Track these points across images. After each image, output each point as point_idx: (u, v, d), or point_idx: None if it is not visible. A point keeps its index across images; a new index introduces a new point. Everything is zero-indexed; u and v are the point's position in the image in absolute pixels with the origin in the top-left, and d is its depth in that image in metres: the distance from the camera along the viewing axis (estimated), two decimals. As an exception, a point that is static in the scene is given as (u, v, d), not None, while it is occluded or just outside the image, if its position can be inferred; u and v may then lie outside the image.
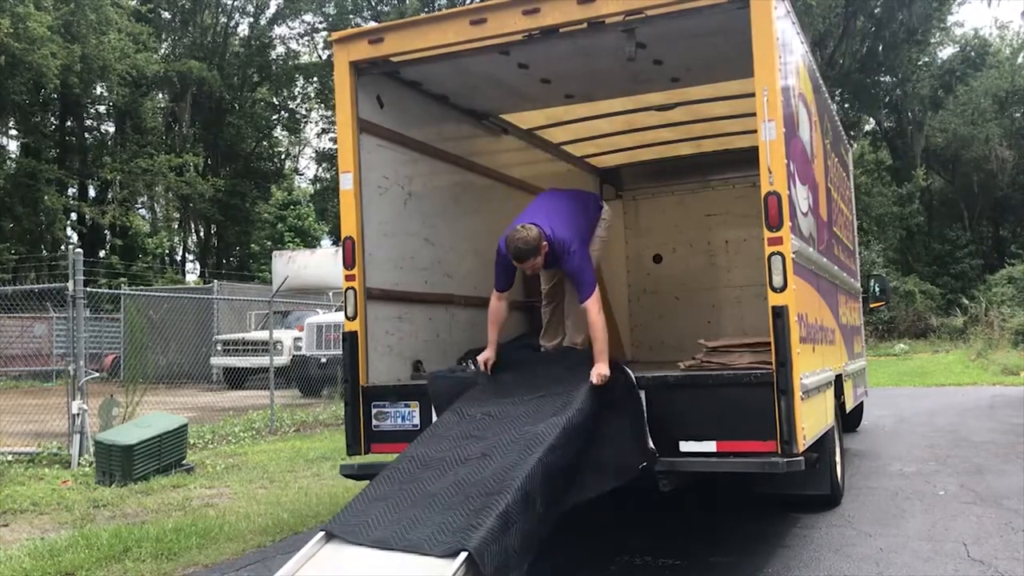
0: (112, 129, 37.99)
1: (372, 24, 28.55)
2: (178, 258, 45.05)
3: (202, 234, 43.54)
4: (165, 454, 8.17)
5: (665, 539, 5.48)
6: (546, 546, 3.91)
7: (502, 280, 5.38)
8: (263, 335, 16.95)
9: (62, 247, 31.45)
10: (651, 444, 4.45)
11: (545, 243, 5.08)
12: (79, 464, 8.67)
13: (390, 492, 3.92)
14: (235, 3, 41.64)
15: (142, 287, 27.06)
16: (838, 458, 6.20)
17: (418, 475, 4.04)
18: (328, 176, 46.19)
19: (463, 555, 3.30)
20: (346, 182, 5.45)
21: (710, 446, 4.59)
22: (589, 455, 4.33)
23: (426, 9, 35.06)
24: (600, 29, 5.12)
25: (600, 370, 4.73)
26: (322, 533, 3.73)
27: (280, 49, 43.88)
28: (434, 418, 5.04)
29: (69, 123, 36.48)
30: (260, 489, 7.61)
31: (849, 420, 8.75)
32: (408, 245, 6.00)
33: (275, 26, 43.19)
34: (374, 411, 5.31)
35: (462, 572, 3.28)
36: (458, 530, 3.44)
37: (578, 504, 4.18)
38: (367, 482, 4.30)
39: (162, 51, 38.99)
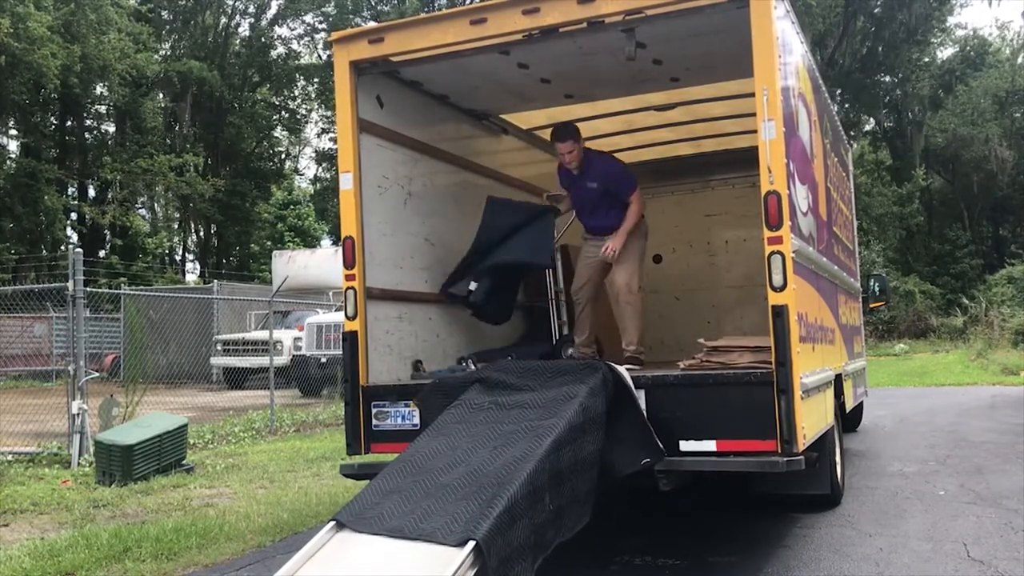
0: (112, 129, 38.01)
1: (372, 24, 28.55)
2: (178, 258, 45.13)
3: (202, 234, 43.55)
4: (165, 454, 8.17)
5: (665, 539, 5.48)
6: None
7: (560, 182, 6.60)
8: (263, 335, 16.95)
9: (62, 247, 31.45)
10: (659, 442, 4.45)
11: (583, 142, 6.27)
12: (79, 464, 8.68)
13: (403, 484, 3.93)
14: (236, 3, 41.68)
15: (142, 287, 27.08)
16: (838, 458, 6.20)
17: (430, 466, 4.05)
18: (328, 176, 46.22)
19: (471, 544, 3.33)
20: (346, 182, 5.45)
21: (710, 445, 4.59)
22: (594, 451, 4.33)
23: (426, 9, 35.07)
24: (600, 29, 5.13)
25: (610, 242, 6.14)
26: (333, 522, 3.75)
27: (280, 49, 43.94)
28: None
29: (69, 123, 36.48)
30: (260, 489, 7.61)
31: (849, 420, 8.75)
32: (408, 245, 6.00)
33: (276, 27, 43.25)
34: (374, 411, 5.31)
35: (470, 561, 3.31)
36: (469, 520, 3.46)
37: (585, 514, 4.18)
38: (367, 481, 4.31)
39: (162, 51, 39.01)
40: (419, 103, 6.26)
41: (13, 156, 33.48)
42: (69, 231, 35.34)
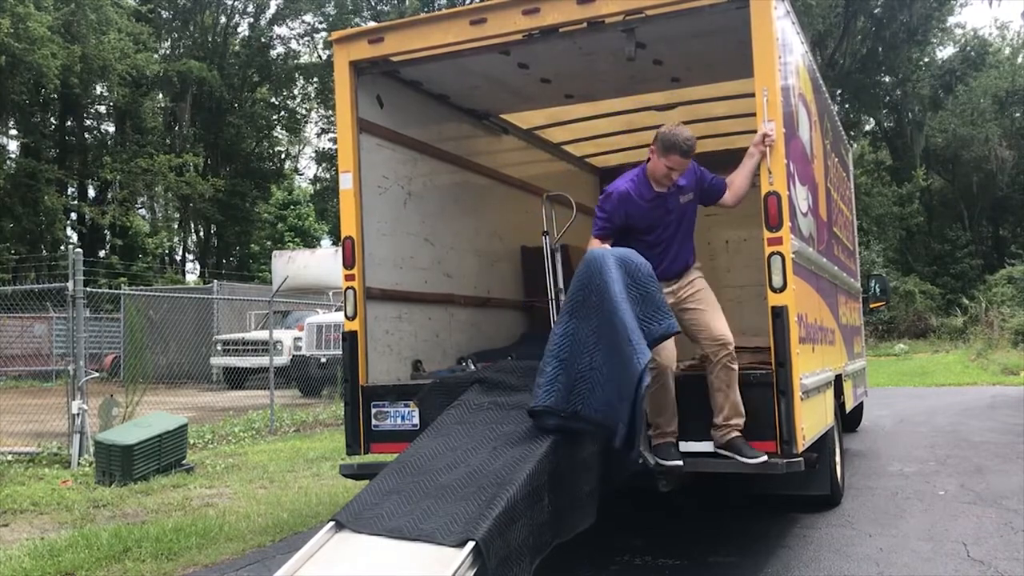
0: (112, 129, 38.02)
1: (372, 24, 28.54)
2: (178, 258, 45.10)
3: (202, 234, 43.55)
4: (165, 454, 8.17)
5: (665, 539, 5.48)
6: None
7: (616, 218, 4.80)
8: (263, 335, 16.95)
9: (62, 247, 31.45)
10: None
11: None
12: (79, 464, 8.67)
13: (403, 484, 3.93)
14: (235, 3, 41.67)
15: (142, 287, 27.06)
16: (838, 458, 6.20)
17: (429, 466, 4.06)
18: (328, 176, 46.21)
19: (471, 544, 3.34)
20: (346, 182, 5.46)
21: (710, 446, 4.60)
22: (594, 452, 4.32)
23: (426, 9, 35.07)
24: (600, 29, 5.13)
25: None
26: (332, 523, 3.75)
27: (280, 49, 43.97)
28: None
29: (69, 123, 36.48)
30: (260, 489, 7.61)
31: (849, 420, 8.75)
32: (408, 245, 6.00)
33: (275, 26, 43.25)
34: (374, 411, 5.31)
35: (469, 561, 3.31)
36: (469, 520, 3.47)
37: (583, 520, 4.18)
38: (367, 481, 4.31)
39: (162, 51, 39.00)
40: (419, 103, 6.26)
41: (13, 156, 33.44)
42: (69, 231, 35.38)
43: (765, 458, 4.41)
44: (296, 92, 44.71)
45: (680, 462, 4.50)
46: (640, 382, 3.93)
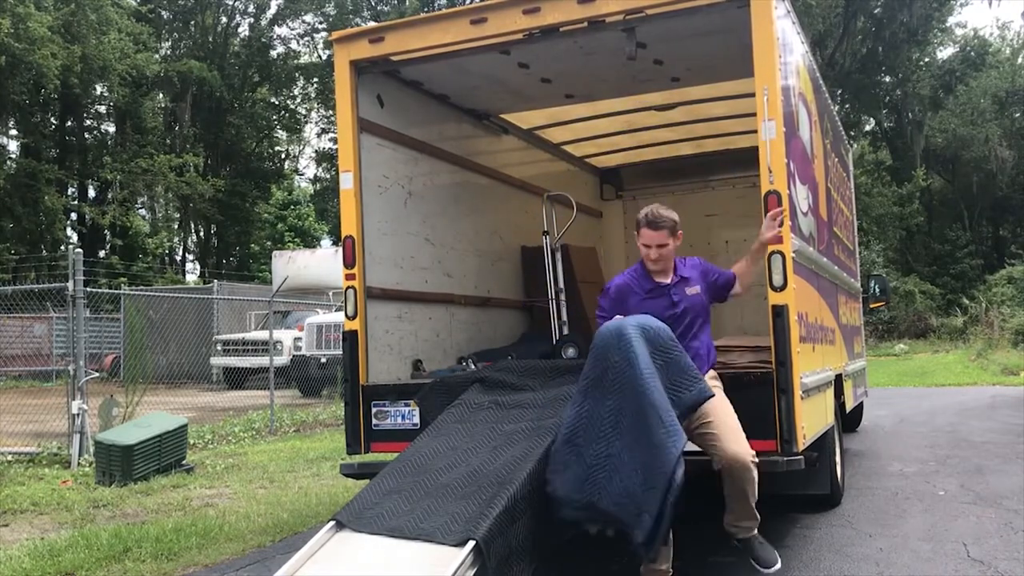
0: (112, 129, 38.02)
1: (372, 24, 28.54)
2: (178, 258, 45.10)
3: (202, 234, 43.56)
4: (165, 454, 8.17)
5: (665, 539, 5.47)
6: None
7: (615, 313, 4.31)
8: (263, 335, 16.95)
9: (62, 247, 31.44)
10: None
11: (680, 233, 4.40)
12: (79, 464, 8.67)
13: (403, 484, 3.93)
14: (235, 3, 41.70)
15: (142, 287, 27.05)
16: (838, 458, 6.20)
17: (430, 466, 4.05)
18: (328, 176, 46.24)
19: (471, 544, 3.34)
20: (346, 181, 5.46)
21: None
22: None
23: (426, 9, 35.07)
24: (600, 28, 5.13)
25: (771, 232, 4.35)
26: (332, 522, 3.75)
27: (280, 49, 44.00)
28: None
29: (69, 123, 36.48)
30: (260, 489, 7.61)
31: (849, 420, 8.75)
32: (408, 244, 6.00)
33: (275, 26, 43.28)
34: (374, 410, 5.31)
35: (470, 561, 3.31)
36: (469, 520, 3.47)
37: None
38: (367, 481, 4.31)
39: (162, 51, 39.02)
40: (419, 103, 6.27)
41: (13, 156, 33.45)
42: (69, 231, 35.38)
43: (779, 566, 4.12)
44: (296, 92, 44.75)
45: None
46: (676, 468, 3.58)
